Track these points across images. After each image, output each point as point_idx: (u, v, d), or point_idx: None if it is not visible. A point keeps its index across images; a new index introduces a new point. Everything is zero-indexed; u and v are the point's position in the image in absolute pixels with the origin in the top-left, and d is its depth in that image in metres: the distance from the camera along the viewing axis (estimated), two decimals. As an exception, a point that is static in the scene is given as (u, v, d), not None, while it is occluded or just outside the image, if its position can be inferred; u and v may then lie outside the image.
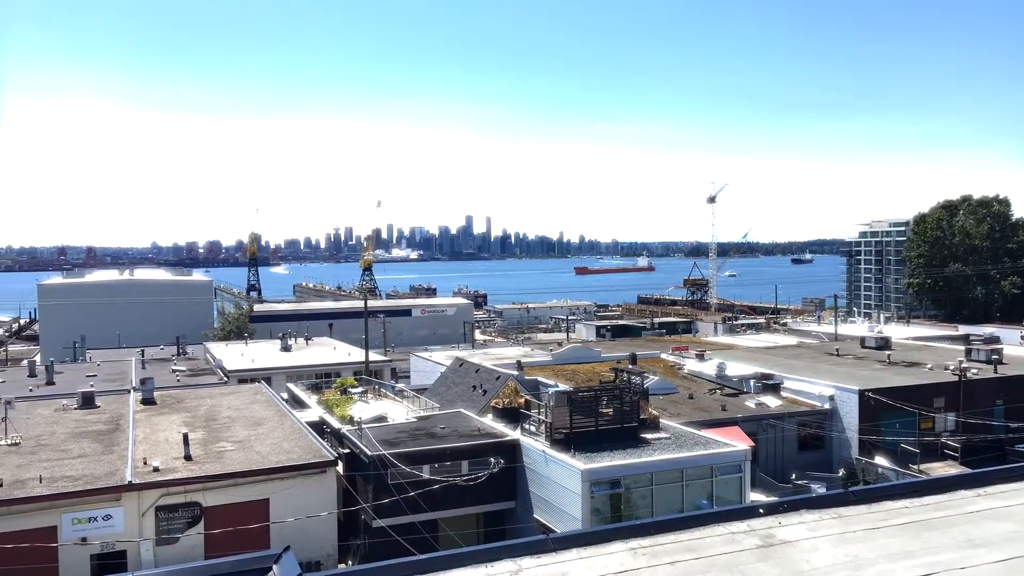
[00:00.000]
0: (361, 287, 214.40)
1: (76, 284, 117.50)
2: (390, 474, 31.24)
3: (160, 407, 41.30)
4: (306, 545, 27.89)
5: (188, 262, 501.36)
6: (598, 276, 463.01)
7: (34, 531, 25.89)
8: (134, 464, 29.47)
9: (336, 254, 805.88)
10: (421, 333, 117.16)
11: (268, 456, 31.11)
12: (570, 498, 29.93)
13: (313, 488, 30.11)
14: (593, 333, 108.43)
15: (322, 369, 60.84)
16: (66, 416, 38.94)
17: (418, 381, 61.58)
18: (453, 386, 50.06)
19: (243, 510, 28.72)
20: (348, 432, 35.66)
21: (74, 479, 28.08)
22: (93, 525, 26.91)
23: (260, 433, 34.81)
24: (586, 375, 50.60)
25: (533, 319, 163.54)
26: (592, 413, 33.08)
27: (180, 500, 28.17)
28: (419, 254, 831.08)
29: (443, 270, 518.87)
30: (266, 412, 39.43)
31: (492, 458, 33.06)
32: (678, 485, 30.89)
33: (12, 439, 33.26)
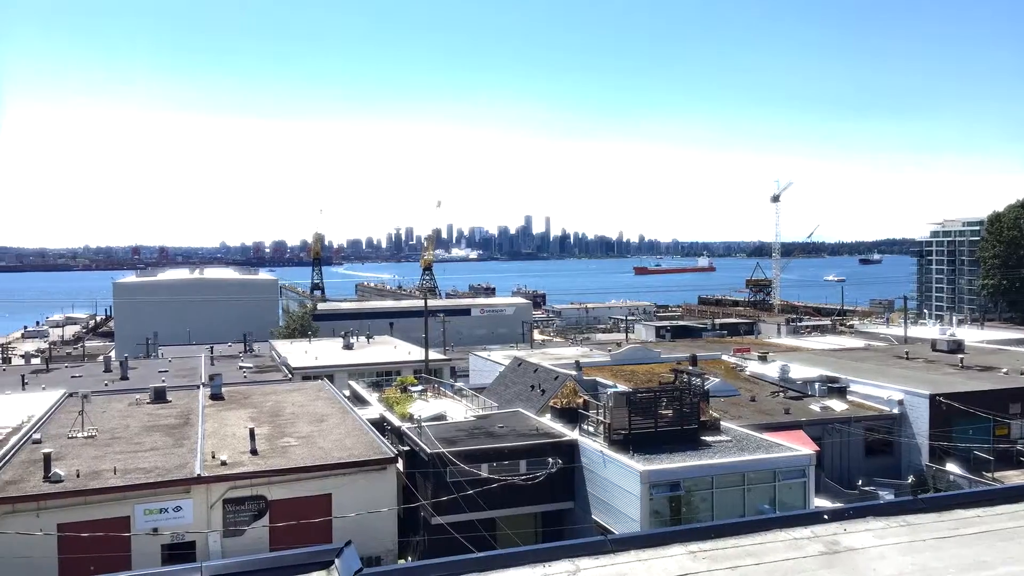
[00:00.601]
0: (421, 287, 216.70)
1: (149, 283, 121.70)
2: (449, 472, 31.53)
3: (228, 403, 42.47)
4: (367, 540, 28.32)
5: (255, 261, 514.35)
6: (658, 276, 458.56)
7: (109, 521, 26.91)
8: (203, 458, 30.38)
9: (397, 254, 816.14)
10: (480, 332, 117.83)
11: (330, 452, 31.72)
12: (628, 500, 29.73)
13: (374, 484, 30.57)
14: (652, 334, 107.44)
15: (383, 367, 61.68)
16: (139, 410, 40.37)
17: (477, 380, 61.94)
18: (511, 385, 50.22)
19: (306, 504, 29.35)
20: (408, 430, 36.10)
21: (146, 471, 29.10)
22: (164, 516, 27.84)
23: (323, 429, 35.51)
24: (645, 376, 50.18)
25: (592, 319, 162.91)
26: (651, 414, 32.80)
27: (246, 493, 28.92)
28: (478, 254, 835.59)
29: (502, 270, 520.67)
30: (329, 409, 40.20)
31: (550, 458, 33.07)
32: (739, 489, 30.39)
33: (88, 432, 34.65)
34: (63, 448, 31.84)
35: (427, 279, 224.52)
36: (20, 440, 33.04)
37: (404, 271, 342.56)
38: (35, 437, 33.43)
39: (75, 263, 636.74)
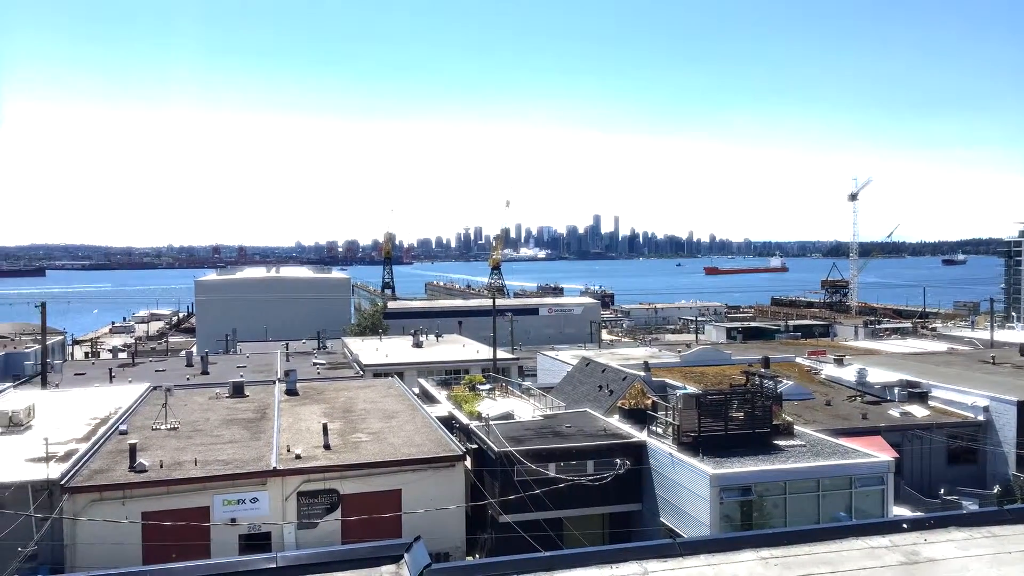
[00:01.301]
0: (490, 286, 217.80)
1: (228, 281, 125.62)
2: (516, 471, 31.63)
3: (302, 398, 43.56)
4: (435, 536, 28.66)
5: (328, 260, 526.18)
6: (729, 276, 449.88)
7: (190, 510, 27.94)
8: (278, 451, 31.23)
9: (466, 253, 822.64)
10: (548, 332, 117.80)
11: (400, 448, 32.21)
12: (698, 503, 29.31)
13: (442, 481, 30.91)
14: (723, 335, 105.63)
15: (451, 366, 62.25)
16: (218, 404, 41.77)
17: (544, 380, 61.95)
18: (579, 385, 50.05)
19: (377, 499, 29.88)
20: (476, 428, 36.37)
21: (225, 463, 30.09)
22: (241, 507, 28.74)
23: (393, 426, 36.08)
24: (715, 378, 49.35)
25: (661, 320, 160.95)
26: (722, 417, 32.25)
27: (320, 487, 29.62)
28: (547, 253, 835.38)
29: (570, 269, 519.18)
30: (399, 406, 40.82)
31: (618, 459, 32.86)
32: (814, 495, 29.61)
33: (171, 424, 36.04)
34: (148, 439, 33.19)
35: (495, 278, 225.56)
36: (108, 431, 34.60)
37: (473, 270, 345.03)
38: (122, 428, 34.95)
39: (159, 262, 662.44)
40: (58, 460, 29.21)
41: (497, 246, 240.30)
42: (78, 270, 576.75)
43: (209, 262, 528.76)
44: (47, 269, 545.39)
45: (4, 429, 34.99)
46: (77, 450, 31.15)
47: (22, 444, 32.27)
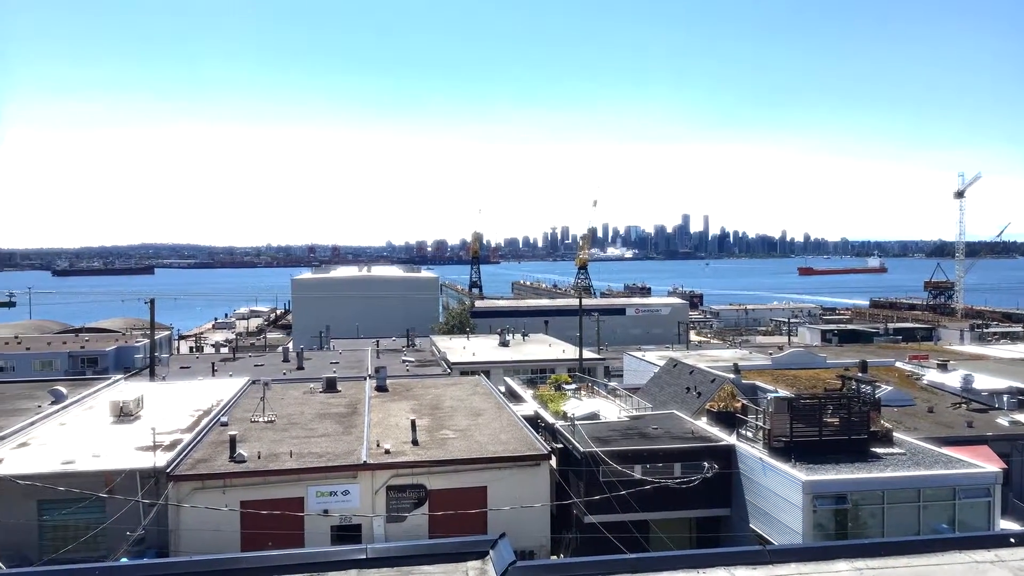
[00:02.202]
0: (576, 285, 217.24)
1: (323, 279, 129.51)
2: (602, 471, 31.48)
3: (391, 394, 44.52)
4: (520, 534, 28.83)
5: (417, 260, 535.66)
6: (824, 277, 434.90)
7: (285, 500, 28.97)
8: (368, 446, 32.03)
9: (552, 252, 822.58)
10: (635, 332, 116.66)
11: (486, 446, 32.52)
12: (789, 510, 28.49)
13: (527, 479, 31.05)
14: (818, 337, 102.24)
15: (537, 365, 62.42)
16: (313, 398, 43.14)
17: (631, 380, 61.38)
18: (666, 387, 49.39)
19: (463, 495, 30.26)
20: (561, 427, 36.36)
21: (318, 456, 31.06)
22: (333, 499, 29.62)
23: (479, 423, 36.47)
24: (809, 382, 47.83)
25: (752, 321, 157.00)
26: (816, 422, 31.25)
27: (408, 482, 30.21)
28: (634, 253, 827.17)
29: (658, 269, 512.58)
30: (485, 404, 41.22)
31: (706, 462, 32.27)
32: (914, 506, 28.35)
33: (268, 417, 37.44)
34: (246, 431, 34.58)
35: (582, 278, 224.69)
36: (210, 422, 36.23)
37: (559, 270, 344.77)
38: (223, 420, 36.55)
39: (259, 260, 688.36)
40: (164, 449, 30.77)
41: (584, 246, 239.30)
42: (184, 268, 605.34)
43: (305, 261, 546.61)
44: (156, 267, 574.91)
45: (116, 419, 37.13)
46: (182, 440, 32.75)
47: (132, 433, 34.16)
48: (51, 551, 27.38)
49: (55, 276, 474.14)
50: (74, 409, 39.81)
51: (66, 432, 34.90)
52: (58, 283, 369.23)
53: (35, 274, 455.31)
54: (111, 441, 32.88)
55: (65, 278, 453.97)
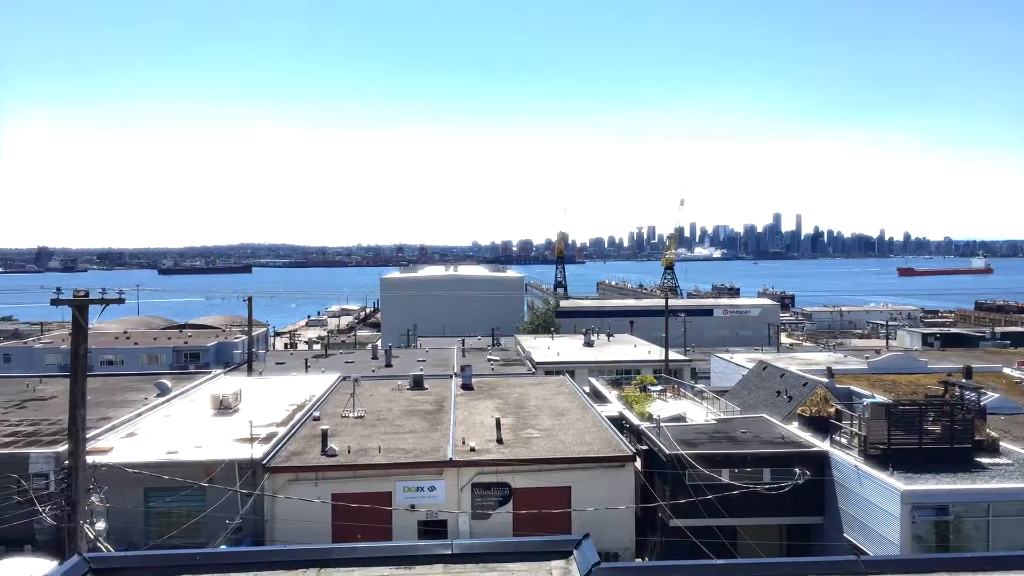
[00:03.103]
0: (662, 285, 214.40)
1: (411, 279, 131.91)
2: (688, 474, 31.02)
3: (476, 392, 45.02)
4: (604, 535, 28.70)
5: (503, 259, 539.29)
6: (925, 278, 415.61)
7: (374, 494, 29.70)
8: (454, 443, 32.50)
9: (638, 252, 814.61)
10: (722, 334, 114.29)
11: (570, 446, 32.51)
12: (886, 520, 27.41)
13: (612, 481, 30.89)
14: (918, 341, 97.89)
15: (622, 365, 61.98)
16: (400, 395, 44.06)
17: (718, 383, 60.22)
18: (755, 390, 48.24)
19: (547, 494, 30.35)
20: (646, 429, 36.01)
21: (406, 452, 31.72)
22: (420, 494, 30.19)
23: (563, 423, 36.48)
24: (908, 387, 45.84)
25: (847, 323, 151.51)
26: (915, 429, 29.94)
27: (492, 479, 30.51)
28: (722, 253, 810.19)
29: (747, 270, 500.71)
30: (569, 404, 41.20)
31: (797, 468, 31.36)
32: (1022, 520, 26.84)
33: (358, 412, 38.45)
34: (337, 426, 35.61)
35: (668, 278, 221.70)
36: (303, 416, 37.48)
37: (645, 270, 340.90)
38: (315, 415, 37.75)
39: (349, 260, 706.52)
40: (261, 441, 32.01)
41: (670, 245, 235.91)
42: (280, 267, 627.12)
43: (393, 260, 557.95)
44: (253, 267, 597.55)
45: (216, 411, 38.85)
46: (277, 433, 34.00)
47: (231, 425, 35.67)
48: (156, 536, 28.89)
49: (161, 275, 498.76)
50: (177, 401, 41.86)
51: (170, 423, 36.74)
52: (163, 281, 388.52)
53: (142, 272, 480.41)
54: (211, 433, 34.45)
55: (170, 276, 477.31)
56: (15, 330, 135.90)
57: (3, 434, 33.74)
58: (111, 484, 25.23)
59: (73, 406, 21.10)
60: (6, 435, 33.55)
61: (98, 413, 36.35)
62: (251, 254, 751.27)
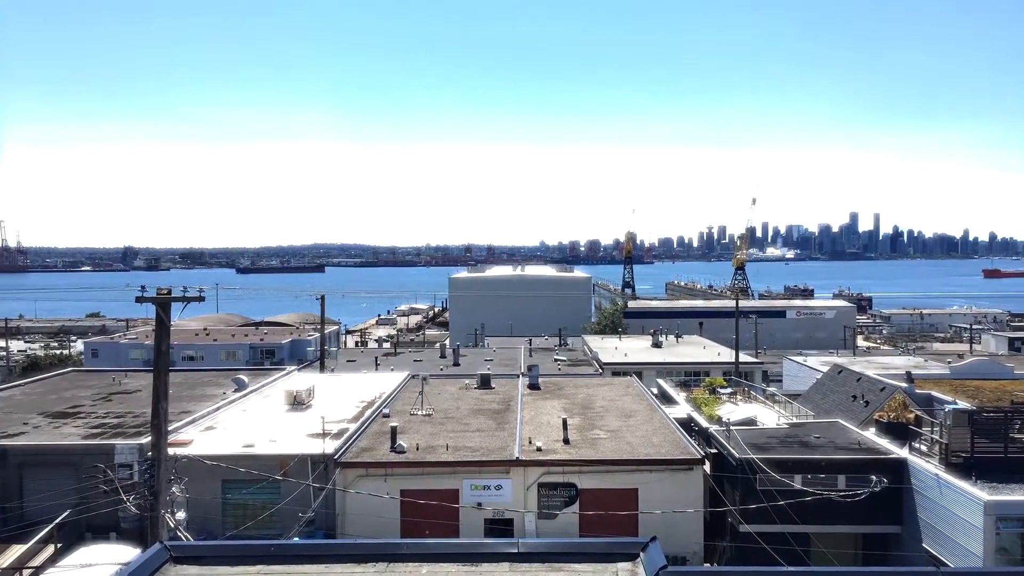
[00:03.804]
0: (733, 287, 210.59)
1: (478, 278, 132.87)
2: (758, 479, 30.41)
3: (543, 392, 45.06)
4: (671, 539, 28.39)
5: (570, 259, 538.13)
6: (1013, 280, 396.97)
7: (441, 491, 30.05)
8: (521, 442, 32.61)
9: (708, 253, 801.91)
10: (796, 336, 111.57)
11: (638, 448, 32.25)
12: (968, 531, 26.33)
13: (680, 484, 30.52)
14: (1004, 345, 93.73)
15: (691, 367, 61.19)
16: (467, 394, 44.43)
17: (791, 386, 58.85)
18: (830, 394, 46.96)
19: (613, 496, 30.18)
20: (716, 432, 35.45)
21: (473, 450, 31.99)
22: (486, 492, 30.40)
23: (630, 425, 36.21)
24: (993, 394, 43.88)
25: (928, 327, 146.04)
26: (1000, 437, 28.68)
27: (559, 480, 30.50)
28: (795, 253, 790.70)
29: (822, 271, 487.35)
30: (637, 405, 40.87)
31: (874, 476, 30.38)
32: (1119, 536, 25.44)
33: (426, 410, 38.95)
34: (406, 423, 36.14)
35: (739, 279, 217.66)
36: (373, 413, 38.17)
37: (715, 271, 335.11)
38: (384, 412, 38.39)
39: (418, 260, 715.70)
40: (332, 437, 32.74)
41: (742, 245, 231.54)
42: (351, 267, 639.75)
43: (461, 260, 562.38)
44: (326, 266, 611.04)
45: (290, 407, 39.91)
46: (348, 429, 34.72)
47: (304, 421, 36.59)
48: (232, 527, 29.84)
49: (239, 273, 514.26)
50: (253, 397, 43.14)
51: (247, 418, 37.91)
52: (241, 280, 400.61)
53: (221, 271, 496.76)
54: (286, 428, 35.40)
55: (247, 275, 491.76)
56: (103, 326, 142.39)
57: (91, 426, 35.39)
58: (191, 475, 26.17)
59: (156, 399, 21.97)
60: (94, 427, 35.18)
61: (179, 407, 37.76)
62: (324, 254, 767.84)
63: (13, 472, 30.78)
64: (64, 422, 36.29)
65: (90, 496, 27.17)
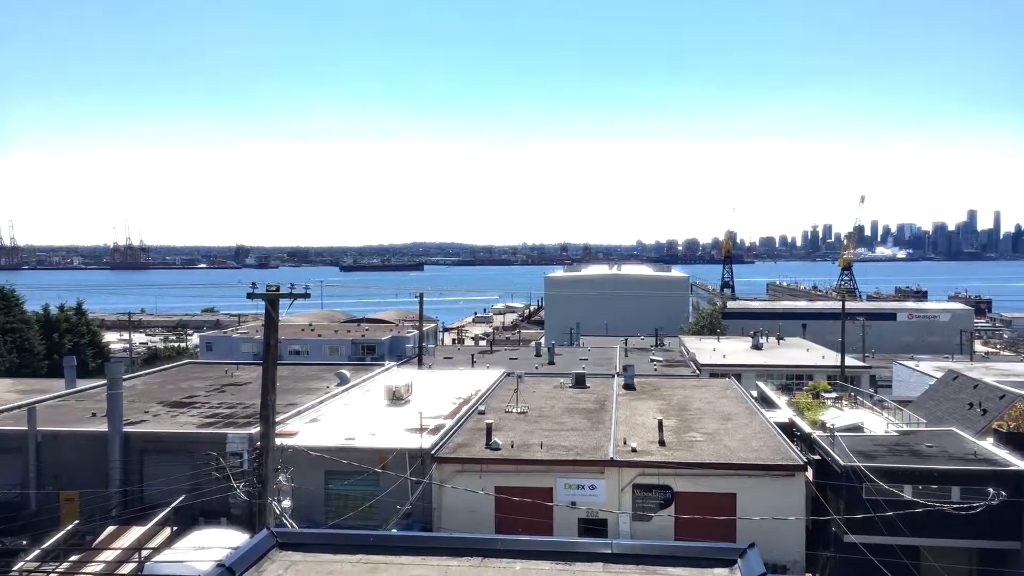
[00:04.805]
0: (839, 287, 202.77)
1: (574, 277, 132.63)
2: (864, 488, 29.21)
3: (638, 393, 44.61)
4: (771, 546, 27.60)
5: (667, 259, 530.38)
6: None
7: (535, 489, 30.19)
8: (615, 443, 32.40)
9: (812, 252, 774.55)
10: (906, 340, 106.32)
11: (736, 451, 31.52)
12: (1100, 553, 24.54)
13: (780, 490, 29.66)
14: None
15: (793, 370, 59.33)
16: (562, 393, 44.46)
17: (901, 392, 56.23)
18: (943, 401, 44.63)
19: (710, 500, 29.60)
20: (819, 438, 34.26)
21: (567, 449, 32.00)
22: (580, 492, 30.36)
23: (729, 428, 35.41)
24: None
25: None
26: None
27: (654, 481, 30.15)
28: (907, 253, 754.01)
29: (937, 271, 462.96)
30: (735, 408, 39.94)
31: (991, 488, 28.71)
32: None
33: (521, 408, 39.20)
34: (501, 420, 36.49)
35: (846, 279, 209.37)
36: (469, 410, 38.72)
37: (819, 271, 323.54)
38: (480, 409, 38.88)
39: (515, 259, 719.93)
40: (430, 432, 33.39)
41: (849, 245, 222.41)
42: (449, 265, 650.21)
43: (557, 259, 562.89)
44: (424, 264, 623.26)
45: (389, 402, 40.95)
46: (444, 425, 35.36)
47: (402, 416, 37.48)
48: (334, 517, 30.88)
49: (342, 271, 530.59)
50: (355, 391, 44.49)
51: (348, 411, 39.14)
52: (344, 277, 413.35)
53: (325, 269, 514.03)
54: (385, 422, 36.36)
55: (350, 273, 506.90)
56: (216, 321, 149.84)
57: (205, 415, 37.32)
58: (296, 465, 27.21)
59: (264, 391, 22.98)
60: (207, 416, 37.09)
61: (285, 399, 39.31)
62: (423, 252, 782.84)
63: (134, 457, 32.79)
64: (181, 411, 38.40)
65: (203, 482, 28.65)
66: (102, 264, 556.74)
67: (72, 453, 32.87)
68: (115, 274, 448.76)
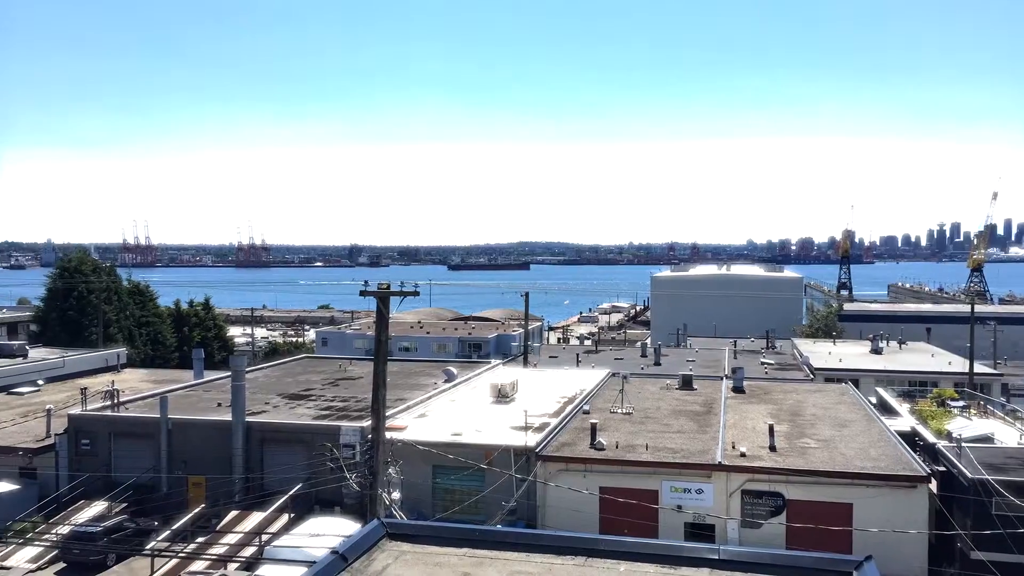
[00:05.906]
0: (968, 290, 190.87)
1: (682, 277, 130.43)
2: (994, 503, 27.44)
3: (748, 396, 43.44)
4: (890, 560, 26.32)
5: (780, 259, 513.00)
6: None
7: (640, 491, 29.92)
8: (723, 447, 31.69)
9: (938, 252, 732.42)
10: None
11: (852, 460, 30.25)
12: None
13: (901, 502, 28.28)
14: None
15: (916, 377, 56.35)
16: (668, 394, 43.83)
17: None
18: (1088, 414, 41.28)
19: (825, 510, 28.54)
20: (944, 449, 32.40)
21: (673, 451, 31.54)
22: (687, 496, 29.87)
23: (845, 435, 34.01)
24: None
25: None
26: None
27: (764, 488, 29.31)
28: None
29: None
30: (852, 414, 38.32)
31: None
32: None
33: (626, 408, 38.91)
34: (605, 420, 36.32)
35: (976, 281, 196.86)
36: (573, 409, 38.74)
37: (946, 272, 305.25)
38: (585, 408, 38.84)
39: (620, 258, 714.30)
40: (534, 430, 33.63)
41: (979, 244, 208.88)
42: (555, 265, 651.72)
43: (664, 259, 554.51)
44: (531, 263, 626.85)
45: (494, 399, 41.47)
46: (549, 423, 35.51)
47: (507, 413, 37.88)
48: (440, 510, 31.57)
49: (450, 270, 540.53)
50: (461, 388, 45.28)
51: (455, 408, 39.90)
52: (452, 276, 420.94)
53: (434, 268, 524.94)
54: (490, 419, 36.87)
55: (457, 272, 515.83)
56: (331, 317, 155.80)
57: (320, 408, 38.87)
58: (405, 459, 27.97)
59: (376, 386, 23.75)
60: (323, 408, 38.62)
61: (395, 394, 40.46)
62: (529, 251, 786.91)
63: (255, 446, 34.54)
64: (298, 403, 40.15)
65: (318, 472, 29.88)
66: (227, 262, 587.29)
67: (199, 440, 34.96)
68: (239, 272, 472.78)
